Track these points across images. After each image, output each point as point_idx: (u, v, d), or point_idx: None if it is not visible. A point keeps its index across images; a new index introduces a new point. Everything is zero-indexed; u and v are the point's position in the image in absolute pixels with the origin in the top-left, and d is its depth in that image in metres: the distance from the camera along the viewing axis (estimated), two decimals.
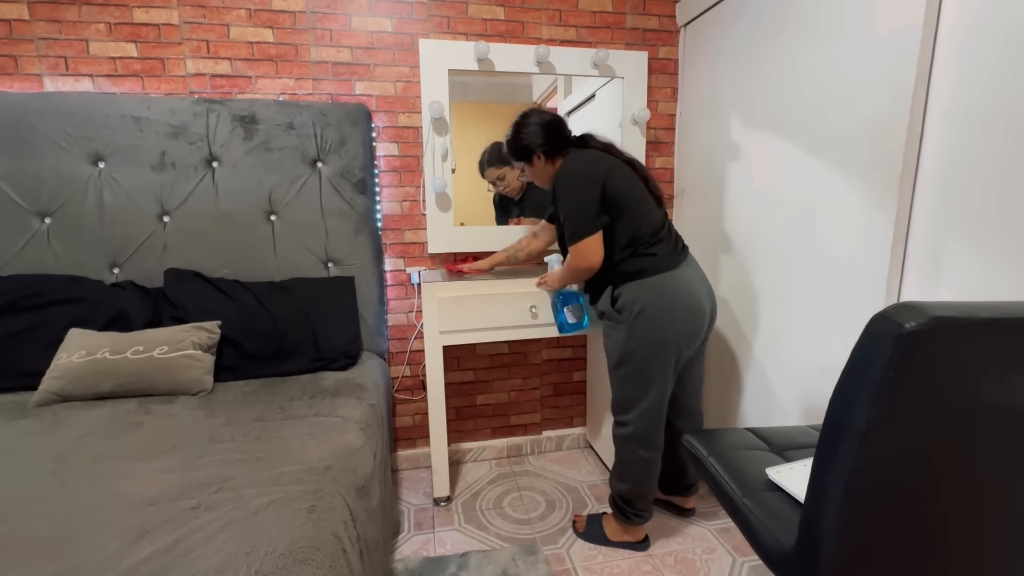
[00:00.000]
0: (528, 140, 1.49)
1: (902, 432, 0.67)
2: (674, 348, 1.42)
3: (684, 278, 1.42)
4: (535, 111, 1.53)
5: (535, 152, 1.49)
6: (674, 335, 1.41)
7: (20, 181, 1.60)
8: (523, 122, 1.50)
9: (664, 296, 1.39)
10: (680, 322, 1.41)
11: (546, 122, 1.48)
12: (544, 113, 1.52)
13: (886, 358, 0.63)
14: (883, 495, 0.70)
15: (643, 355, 1.42)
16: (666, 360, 1.42)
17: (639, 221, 1.41)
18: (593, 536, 1.63)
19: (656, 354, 1.41)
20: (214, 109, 1.69)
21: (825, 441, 0.72)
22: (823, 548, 0.73)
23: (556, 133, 1.49)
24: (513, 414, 2.22)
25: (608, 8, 1.98)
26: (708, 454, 1.10)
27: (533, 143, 1.48)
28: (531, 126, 1.48)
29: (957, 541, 0.75)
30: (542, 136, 1.47)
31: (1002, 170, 1.00)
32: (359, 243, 1.84)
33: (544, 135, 1.47)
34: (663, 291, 1.40)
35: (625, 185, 1.40)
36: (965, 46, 1.05)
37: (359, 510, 1.04)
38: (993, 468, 0.71)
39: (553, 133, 1.48)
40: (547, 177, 1.52)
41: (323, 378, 1.58)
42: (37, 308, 1.54)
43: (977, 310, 0.63)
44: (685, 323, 1.41)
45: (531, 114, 1.51)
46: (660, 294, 1.39)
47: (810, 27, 1.41)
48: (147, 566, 0.77)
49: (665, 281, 1.40)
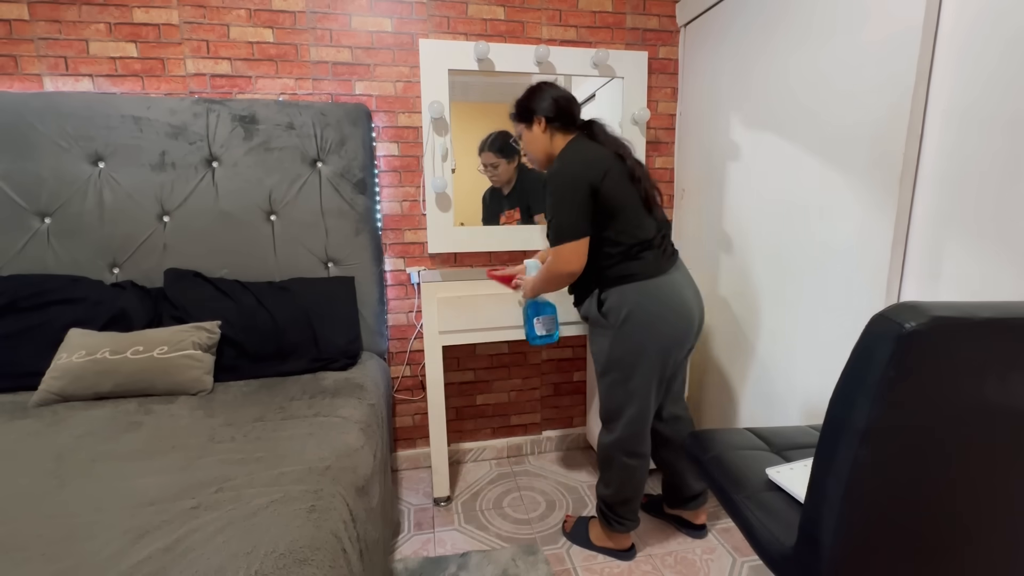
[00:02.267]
0: (535, 104, 1.45)
1: (902, 432, 0.67)
2: (661, 355, 1.39)
3: (673, 283, 1.39)
4: (553, 84, 1.49)
5: (537, 115, 1.44)
6: (661, 341, 1.38)
7: (20, 181, 1.60)
8: (537, 87, 1.47)
9: (652, 301, 1.36)
10: (668, 328, 1.38)
11: (559, 96, 1.45)
12: (560, 88, 1.48)
13: (886, 358, 0.62)
14: (883, 495, 0.70)
15: (629, 362, 1.39)
16: (653, 367, 1.39)
17: (631, 228, 1.36)
18: (577, 537, 1.63)
19: (643, 361, 1.38)
20: (214, 109, 1.69)
21: (825, 441, 0.72)
22: (823, 548, 0.73)
23: (565, 109, 1.45)
24: (513, 414, 2.22)
25: (608, 8, 1.98)
26: (708, 454, 1.10)
27: (539, 107, 1.44)
28: (544, 93, 1.45)
29: (957, 541, 0.75)
30: (552, 107, 1.43)
31: (1002, 170, 1.00)
32: (359, 243, 1.84)
33: (554, 107, 1.43)
34: (651, 296, 1.36)
35: (620, 189, 1.35)
36: (965, 46, 1.05)
37: (359, 510, 1.04)
38: (993, 468, 0.71)
39: (562, 108, 1.44)
40: (540, 148, 1.48)
41: (323, 378, 1.58)
42: (37, 308, 1.54)
43: (977, 310, 0.63)
44: (673, 329, 1.39)
45: (548, 85, 1.48)
46: (648, 299, 1.36)
47: (810, 27, 1.41)
48: (147, 566, 0.77)
49: (654, 286, 1.36)
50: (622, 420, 1.44)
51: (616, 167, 1.36)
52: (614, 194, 1.34)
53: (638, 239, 1.37)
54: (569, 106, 1.46)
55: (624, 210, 1.35)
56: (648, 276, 1.37)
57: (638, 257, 1.37)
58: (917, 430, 0.67)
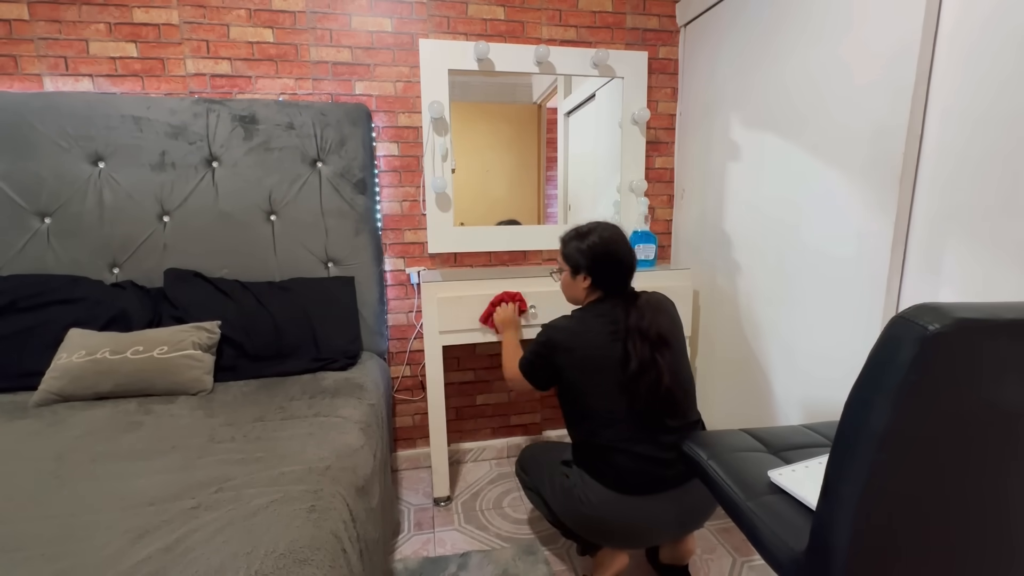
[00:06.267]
0: (571, 251, 1.33)
1: (921, 435, 0.65)
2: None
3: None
4: (607, 228, 1.31)
5: (571, 266, 1.33)
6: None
7: (20, 181, 1.60)
8: (585, 232, 1.32)
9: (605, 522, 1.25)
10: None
11: (600, 253, 1.28)
12: (608, 241, 1.29)
13: (908, 361, 0.60)
14: (900, 500, 0.68)
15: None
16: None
17: (589, 423, 1.27)
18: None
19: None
20: (214, 109, 1.69)
21: (840, 445, 0.70)
22: (836, 554, 0.71)
23: (602, 268, 1.29)
24: (513, 414, 2.22)
25: (608, 8, 1.98)
26: (708, 457, 1.10)
27: (573, 255, 1.32)
28: (586, 241, 1.30)
29: (976, 547, 0.74)
30: (585, 260, 1.30)
31: (1002, 170, 1.00)
32: (359, 243, 1.84)
33: (588, 262, 1.29)
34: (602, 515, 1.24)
35: (587, 378, 1.24)
36: (965, 46, 1.05)
37: (359, 510, 1.04)
38: (1017, 472, 0.70)
39: (599, 266, 1.29)
40: (571, 295, 1.38)
41: (323, 378, 1.58)
42: (37, 308, 1.54)
43: (999, 311, 0.61)
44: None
45: (598, 231, 1.30)
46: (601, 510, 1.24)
47: (810, 27, 1.41)
48: (147, 566, 0.77)
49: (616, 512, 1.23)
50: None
51: (601, 357, 1.23)
52: (579, 380, 1.27)
53: (599, 430, 1.24)
54: (607, 266, 1.30)
55: (586, 398, 1.26)
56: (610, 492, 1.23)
57: (604, 458, 1.24)
58: (937, 433, 0.65)
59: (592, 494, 1.24)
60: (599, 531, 1.30)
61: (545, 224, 2.12)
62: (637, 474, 1.22)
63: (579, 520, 1.29)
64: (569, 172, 2.16)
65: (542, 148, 2.13)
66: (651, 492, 1.23)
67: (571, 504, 1.29)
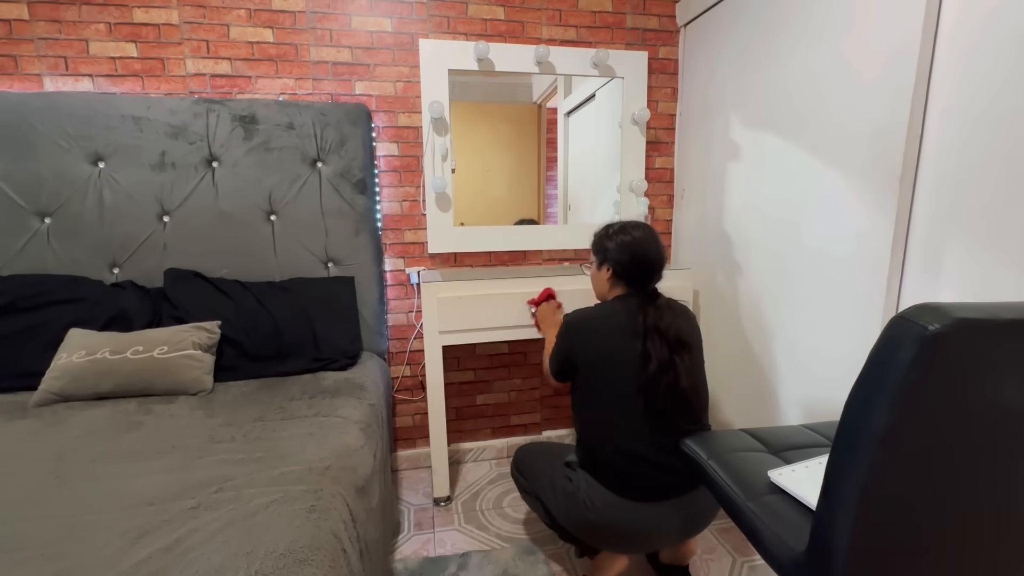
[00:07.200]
0: (598, 240, 1.36)
1: (922, 435, 0.65)
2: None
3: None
4: (638, 227, 1.33)
5: (598, 257, 1.36)
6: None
7: (20, 181, 1.60)
8: (618, 228, 1.34)
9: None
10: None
11: (623, 244, 1.30)
12: (637, 238, 1.30)
13: (908, 361, 0.60)
14: (901, 500, 0.68)
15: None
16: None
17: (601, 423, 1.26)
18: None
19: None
20: (214, 109, 1.69)
21: (840, 444, 0.70)
22: (837, 553, 0.71)
23: (625, 261, 1.30)
24: (513, 414, 2.22)
25: (608, 8, 1.98)
26: (708, 457, 1.10)
27: (599, 244, 1.36)
28: (613, 233, 1.33)
29: (976, 547, 0.74)
30: (610, 252, 1.32)
31: (1002, 170, 1.00)
32: (359, 243, 1.84)
33: (612, 253, 1.31)
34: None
35: (601, 374, 1.25)
36: (965, 46, 1.05)
37: (359, 510, 1.04)
38: (1016, 473, 0.70)
39: (622, 259, 1.30)
40: (597, 289, 1.40)
41: (323, 378, 1.58)
42: (37, 308, 1.54)
43: (999, 311, 0.61)
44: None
45: (629, 227, 1.33)
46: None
47: (810, 27, 1.41)
48: (147, 566, 0.77)
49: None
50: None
51: (618, 350, 1.23)
52: (593, 372, 1.27)
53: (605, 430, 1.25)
54: (637, 264, 1.30)
55: (599, 394, 1.26)
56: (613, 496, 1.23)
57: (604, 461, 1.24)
58: (937, 433, 0.65)
59: (597, 499, 1.24)
60: (602, 536, 1.29)
61: (545, 224, 2.12)
62: (645, 480, 1.22)
63: (582, 525, 1.28)
64: (569, 172, 2.16)
65: (542, 148, 2.13)
66: (658, 499, 1.22)
67: (574, 509, 1.28)
